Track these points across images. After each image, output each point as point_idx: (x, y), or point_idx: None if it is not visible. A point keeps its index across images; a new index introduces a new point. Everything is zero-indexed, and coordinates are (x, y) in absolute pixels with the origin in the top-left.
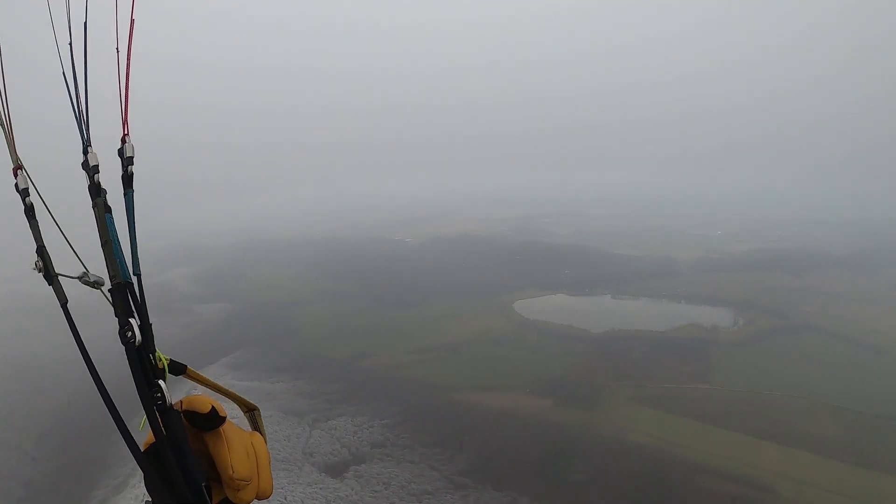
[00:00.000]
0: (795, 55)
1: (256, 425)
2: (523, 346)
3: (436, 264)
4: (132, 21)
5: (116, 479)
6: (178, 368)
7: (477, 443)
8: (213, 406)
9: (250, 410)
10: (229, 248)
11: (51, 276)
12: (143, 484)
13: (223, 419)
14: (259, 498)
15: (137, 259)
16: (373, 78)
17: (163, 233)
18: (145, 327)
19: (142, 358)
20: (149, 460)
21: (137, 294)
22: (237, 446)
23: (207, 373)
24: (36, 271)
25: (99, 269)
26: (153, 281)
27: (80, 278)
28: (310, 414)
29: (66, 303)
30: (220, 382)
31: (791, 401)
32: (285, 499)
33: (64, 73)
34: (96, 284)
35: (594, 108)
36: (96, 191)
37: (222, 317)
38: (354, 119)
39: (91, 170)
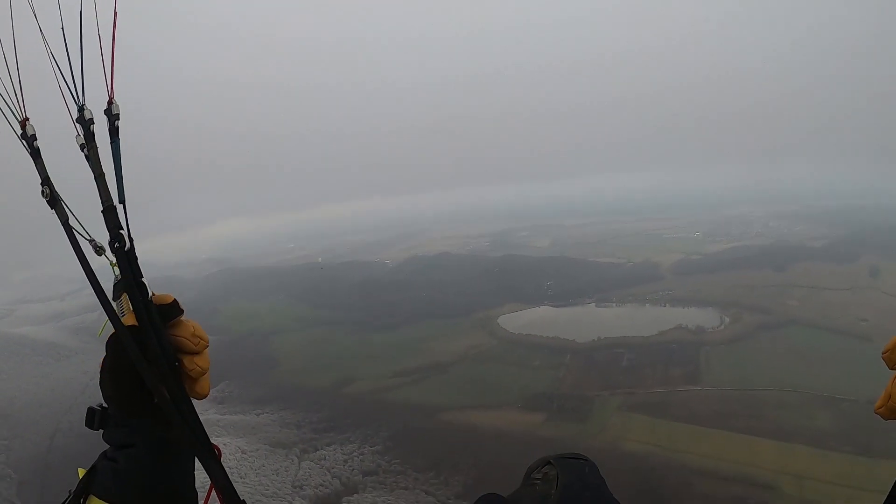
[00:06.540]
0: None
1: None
2: (510, 362)
3: (416, 284)
4: None
5: None
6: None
7: (471, 463)
8: (174, 298)
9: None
10: (204, 279)
11: (55, 199)
12: None
13: (182, 311)
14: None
15: (123, 189)
16: (339, 95)
17: None
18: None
19: (129, 258)
20: (132, 335)
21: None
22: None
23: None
24: (43, 198)
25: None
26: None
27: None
28: (297, 445)
29: (67, 220)
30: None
31: (782, 395)
32: None
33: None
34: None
35: (565, 119)
36: (91, 136)
37: None
38: (325, 139)
39: (86, 122)
